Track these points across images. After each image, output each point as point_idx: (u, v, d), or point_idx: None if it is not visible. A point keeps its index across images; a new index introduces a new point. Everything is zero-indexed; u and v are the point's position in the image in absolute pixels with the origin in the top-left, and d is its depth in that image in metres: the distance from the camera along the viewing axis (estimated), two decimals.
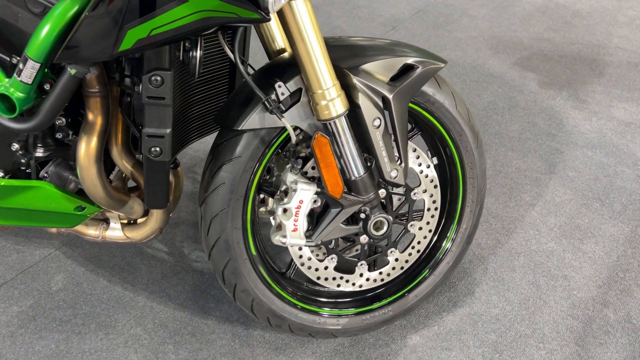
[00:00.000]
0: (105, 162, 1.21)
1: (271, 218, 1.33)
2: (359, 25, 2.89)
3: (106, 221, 1.34)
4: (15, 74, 0.91)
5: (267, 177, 1.30)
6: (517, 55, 2.68)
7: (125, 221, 1.35)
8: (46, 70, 0.92)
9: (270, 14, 0.76)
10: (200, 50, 0.94)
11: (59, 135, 1.13)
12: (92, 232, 1.34)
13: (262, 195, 1.32)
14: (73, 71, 0.90)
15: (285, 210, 1.15)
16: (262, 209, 1.34)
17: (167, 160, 1.02)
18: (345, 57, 1.10)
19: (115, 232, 1.34)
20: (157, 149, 0.99)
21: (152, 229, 1.32)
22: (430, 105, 1.23)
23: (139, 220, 1.34)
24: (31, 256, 1.61)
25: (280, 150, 1.27)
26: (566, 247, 1.70)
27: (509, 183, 1.93)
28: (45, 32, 0.86)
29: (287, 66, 1.10)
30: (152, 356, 1.38)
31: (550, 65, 2.62)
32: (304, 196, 1.12)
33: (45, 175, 1.20)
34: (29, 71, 0.89)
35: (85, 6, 0.87)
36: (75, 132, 1.14)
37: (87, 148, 1.09)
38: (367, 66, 1.09)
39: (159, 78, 0.92)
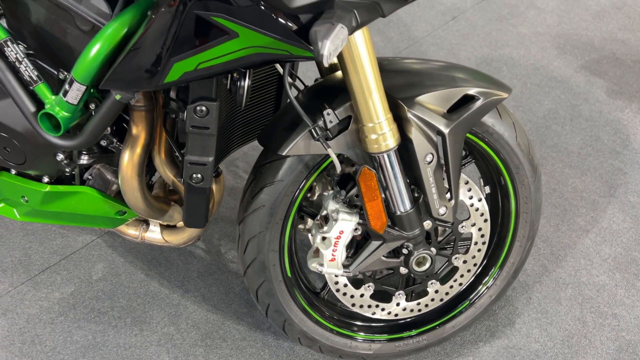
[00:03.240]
0: (147, 165, 1.20)
1: (309, 235, 1.29)
2: (417, 14, 2.75)
3: (146, 222, 1.35)
4: (61, 94, 0.89)
5: (309, 195, 1.26)
6: (586, 58, 2.49)
7: (165, 224, 1.35)
8: (92, 90, 0.90)
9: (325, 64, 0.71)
10: (248, 79, 0.89)
11: (103, 143, 1.12)
12: (132, 232, 1.35)
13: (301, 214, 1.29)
14: (118, 97, 0.88)
15: (324, 239, 1.11)
16: (301, 226, 1.30)
17: (208, 187, 1.00)
18: (400, 86, 1.03)
19: (154, 234, 1.35)
20: (199, 175, 0.97)
21: (190, 235, 1.31)
22: (488, 136, 1.14)
23: (179, 224, 1.34)
24: (74, 242, 1.65)
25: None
26: (619, 282, 1.60)
27: (563, 204, 1.82)
28: (93, 53, 0.83)
29: (338, 90, 1.04)
30: (183, 358, 1.40)
31: (622, 71, 2.42)
32: (344, 227, 1.08)
33: (89, 177, 1.20)
34: (75, 93, 0.87)
35: (134, 29, 0.83)
36: (119, 139, 1.13)
37: (130, 161, 1.08)
38: (423, 98, 1.01)
39: (204, 108, 0.89)
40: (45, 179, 1.12)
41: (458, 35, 2.61)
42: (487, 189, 1.27)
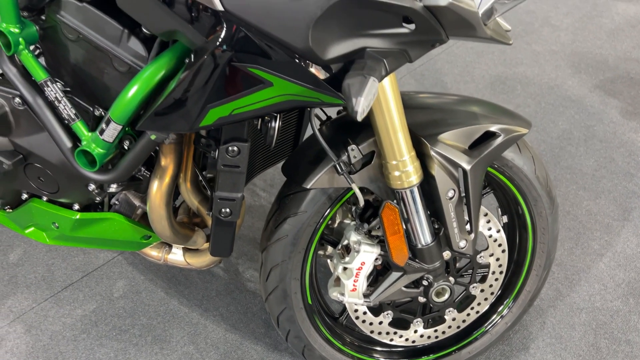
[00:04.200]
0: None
1: (328, 261, 1.32)
2: None
3: (169, 245, 1.38)
4: (97, 132, 0.93)
5: (329, 222, 1.28)
6: (600, 77, 2.51)
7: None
8: (127, 128, 0.93)
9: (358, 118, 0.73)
10: (279, 121, 0.92)
11: None
12: (154, 254, 1.38)
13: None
14: (153, 137, 0.91)
15: (345, 269, 1.13)
16: (320, 252, 1.33)
17: (236, 220, 1.03)
18: (423, 123, 1.05)
19: (176, 257, 1.38)
20: (228, 210, 1.00)
21: (212, 259, 1.34)
22: (508, 170, 1.16)
23: (201, 247, 1.37)
24: (96, 259, 1.69)
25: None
26: (633, 308, 1.61)
27: (577, 227, 1.83)
28: (131, 95, 0.86)
29: (361, 124, 1.07)
30: None
31: (636, 91, 2.43)
32: (366, 258, 1.10)
33: (116, 203, 1.24)
34: (112, 132, 0.91)
35: (170, 73, 0.86)
36: (147, 167, 1.16)
37: (158, 191, 1.11)
38: (446, 135, 1.03)
39: (235, 148, 0.92)
40: (76, 206, 1.15)
41: (472, 52, 2.63)
42: (505, 219, 1.29)
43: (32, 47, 0.93)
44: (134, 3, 0.76)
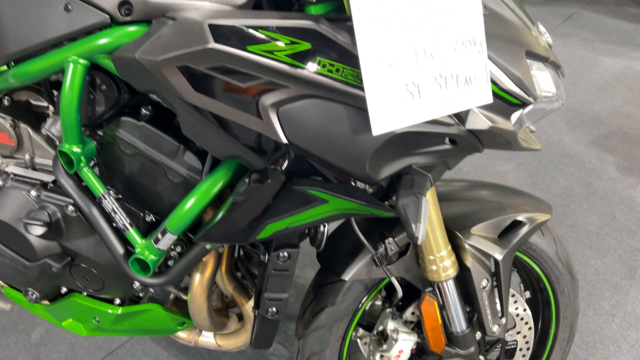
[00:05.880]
0: None
1: (358, 340, 1.35)
2: None
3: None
4: (152, 241, 0.96)
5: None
6: (595, 133, 2.62)
7: None
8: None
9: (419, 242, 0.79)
10: (327, 227, 0.97)
11: (170, 263, 1.18)
12: (185, 336, 1.39)
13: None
14: (208, 246, 0.95)
15: (382, 356, 1.16)
16: (353, 333, 1.36)
17: (282, 318, 1.06)
18: (455, 216, 1.11)
19: (208, 339, 1.39)
20: (274, 309, 1.03)
21: (243, 341, 1.36)
22: (532, 252, 1.22)
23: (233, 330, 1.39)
24: (119, 336, 1.69)
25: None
26: None
27: (588, 287, 1.89)
28: (188, 207, 0.91)
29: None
30: None
31: (630, 146, 2.54)
32: (404, 346, 1.14)
33: (151, 290, 1.26)
34: (167, 241, 0.94)
35: (225, 186, 0.91)
36: None
37: (199, 285, 1.14)
38: (478, 227, 1.09)
39: (286, 254, 0.96)
40: (117, 301, 1.17)
41: None
42: (527, 294, 1.34)
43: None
44: (200, 132, 0.81)
